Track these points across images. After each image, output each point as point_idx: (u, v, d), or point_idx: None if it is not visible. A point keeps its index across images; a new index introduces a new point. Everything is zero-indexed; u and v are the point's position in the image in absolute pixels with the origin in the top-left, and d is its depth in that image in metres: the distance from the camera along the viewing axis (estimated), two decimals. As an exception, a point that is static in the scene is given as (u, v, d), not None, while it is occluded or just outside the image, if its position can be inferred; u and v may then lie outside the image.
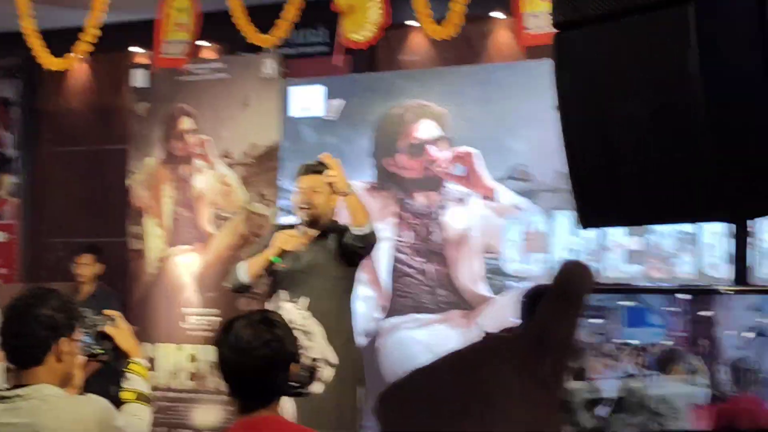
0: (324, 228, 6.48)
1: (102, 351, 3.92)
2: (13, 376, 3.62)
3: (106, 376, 8.54)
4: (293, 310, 6.49)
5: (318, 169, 6.45)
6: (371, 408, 6.98)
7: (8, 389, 3.58)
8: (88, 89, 11.24)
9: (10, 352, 3.62)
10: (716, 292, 1.04)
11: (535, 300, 0.98)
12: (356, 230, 6.32)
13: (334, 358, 4.47)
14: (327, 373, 6.31)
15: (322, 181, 6.40)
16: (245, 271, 6.50)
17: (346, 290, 6.55)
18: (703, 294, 1.03)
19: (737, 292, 1.06)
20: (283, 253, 6.39)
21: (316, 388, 4.24)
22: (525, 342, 0.97)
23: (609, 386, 1.03)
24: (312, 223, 6.45)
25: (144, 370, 3.98)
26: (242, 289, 6.64)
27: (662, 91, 2.33)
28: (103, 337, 3.92)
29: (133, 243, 9.43)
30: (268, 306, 6.56)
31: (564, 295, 0.97)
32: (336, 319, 6.14)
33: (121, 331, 3.95)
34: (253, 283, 6.55)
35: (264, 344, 3.42)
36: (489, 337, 0.99)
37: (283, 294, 6.44)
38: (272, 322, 3.51)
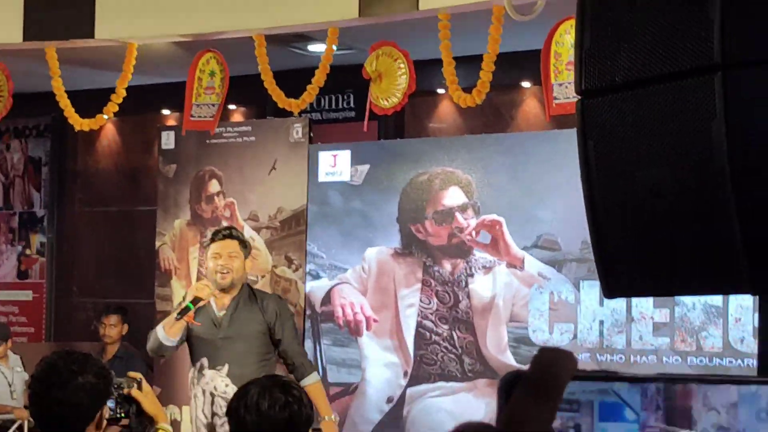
0: (240, 290, 6.65)
1: (124, 415, 3.78)
2: None
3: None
4: (216, 377, 6.56)
5: (233, 234, 6.66)
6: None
7: None
8: (117, 150, 11.32)
9: (48, 421, 3.41)
10: (709, 381, 1.00)
11: (512, 387, 0.93)
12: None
13: None
14: None
15: (237, 245, 6.59)
16: (163, 330, 6.59)
17: (267, 356, 6.66)
18: (684, 383, 1.00)
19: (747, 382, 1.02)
20: (196, 300, 6.47)
21: None
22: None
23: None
24: (229, 288, 6.59)
25: None
26: (163, 351, 6.71)
27: (687, 160, 2.31)
28: (127, 401, 3.78)
29: (160, 304, 9.42)
30: (191, 373, 6.71)
31: (538, 385, 0.92)
32: None
33: (146, 395, 3.83)
34: (172, 343, 6.61)
35: (284, 407, 3.38)
36: (463, 426, 0.95)
37: (204, 361, 6.58)
38: (288, 385, 3.48)
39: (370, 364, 8.20)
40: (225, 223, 9.04)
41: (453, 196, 8.00)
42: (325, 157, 8.57)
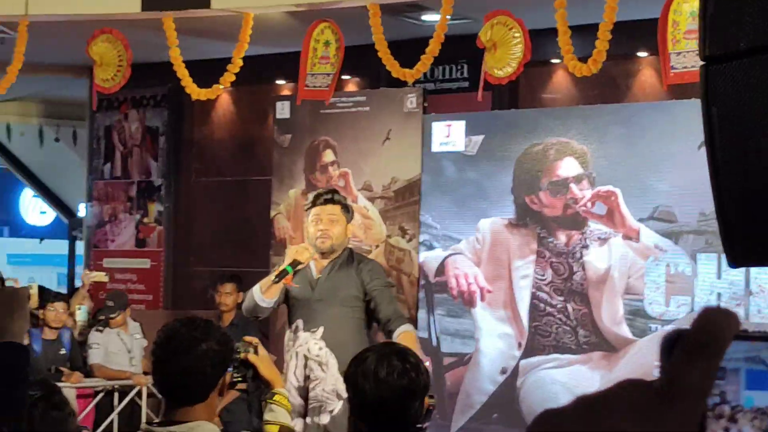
0: (341, 254, 6.51)
1: (241, 380, 3.76)
2: (164, 410, 3.40)
3: (248, 407, 8.48)
4: (310, 340, 6.46)
5: (334, 198, 6.47)
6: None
7: (159, 424, 3.38)
8: (232, 120, 11.43)
9: (173, 389, 3.37)
10: None
11: (673, 345, 0.92)
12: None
13: (345, 391, 4.34)
14: (339, 406, 6.25)
15: (339, 209, 6.43)
16: (259, 291, 6.39)
17: (363, 320, 6.47)
18: None
19: None
20: (295, 264, 6.33)
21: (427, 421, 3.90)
22: (655, 391, 0.91)
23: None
24: (329, 252, 6.44)
25: (288, 402, 3.83)
26: (258, 312, 6.48)
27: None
28: (243, 365, 3.75)
29: (274, 273, 9.51)
30: (287, 336, 6.58)
31: (701, 343, 0.91)
32: (353, 351, 6.08)
33: (262, 360, 3.79)
34: (267, 304, 6.40)
35: (402, 374, 3.35)
36: (623, 383, 0.94)
37: (299, 323, 6.44)
38: (405, 352, 3.45)
39: (483, 335, 8.19)
40: (339, 193, 9.09)
41: (568, 167, 7.94)
42: (439, 128, 8.56)
